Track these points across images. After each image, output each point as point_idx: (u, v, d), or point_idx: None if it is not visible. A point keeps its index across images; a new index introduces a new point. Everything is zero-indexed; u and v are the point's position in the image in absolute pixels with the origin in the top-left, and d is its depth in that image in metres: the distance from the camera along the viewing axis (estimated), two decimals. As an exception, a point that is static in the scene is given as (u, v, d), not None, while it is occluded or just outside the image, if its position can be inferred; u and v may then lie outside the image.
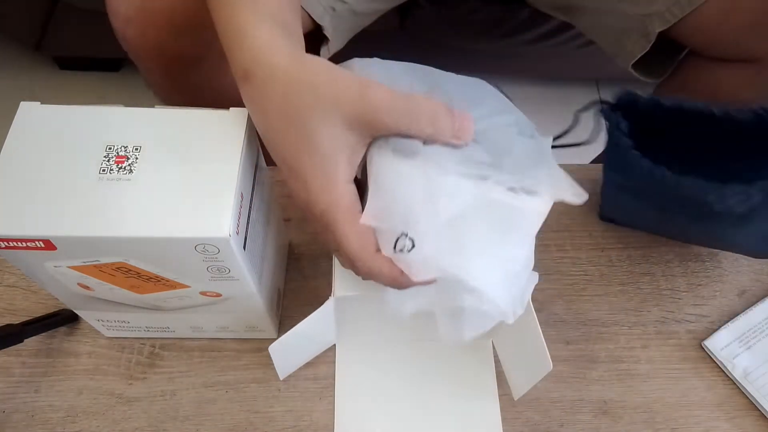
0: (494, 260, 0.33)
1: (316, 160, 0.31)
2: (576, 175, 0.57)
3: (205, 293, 0.38)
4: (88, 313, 0.42)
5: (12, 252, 0.33)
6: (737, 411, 0.46)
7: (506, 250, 0.33)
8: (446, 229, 0.32)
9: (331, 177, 0.31)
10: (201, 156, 0.34)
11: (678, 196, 0.42)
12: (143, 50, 0.54)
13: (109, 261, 0.34)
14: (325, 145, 0.31)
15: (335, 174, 0.31)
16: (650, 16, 0.54)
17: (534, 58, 1.14)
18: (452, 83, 0.37)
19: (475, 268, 0.32)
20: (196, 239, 0.32)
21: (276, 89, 0.31)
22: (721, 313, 0.50)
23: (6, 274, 0.49)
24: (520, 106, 0.37)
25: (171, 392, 0.45)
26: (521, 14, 0.89)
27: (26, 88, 1.26)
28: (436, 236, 0.32)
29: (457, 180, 0.31)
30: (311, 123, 0.30)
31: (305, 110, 0.30)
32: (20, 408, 0.44)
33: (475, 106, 0.34)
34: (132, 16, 0.52)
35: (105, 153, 0.33)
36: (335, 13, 0.59)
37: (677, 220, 0.47)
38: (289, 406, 0.45)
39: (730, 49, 0.54)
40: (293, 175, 0.32)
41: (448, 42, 1.03)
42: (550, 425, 0.45)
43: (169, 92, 0.62)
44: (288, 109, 0.31)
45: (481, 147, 0.32)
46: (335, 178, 0.31)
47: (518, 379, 0.43)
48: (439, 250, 0.32)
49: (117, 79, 1.30)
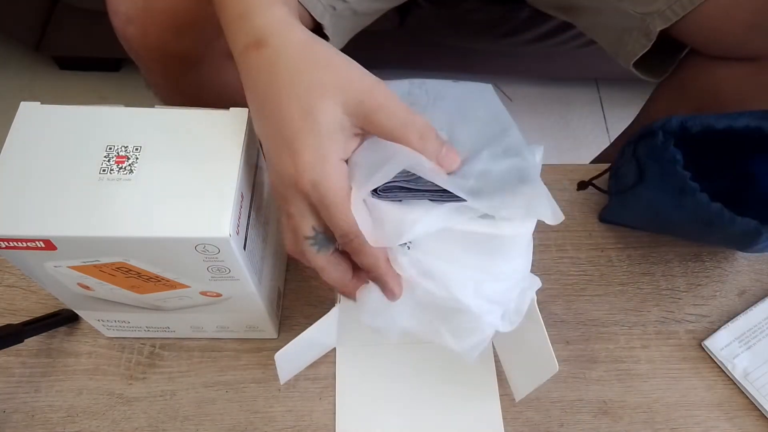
0: (476, 277, 0.33)
1: (314, 135, 0.31)
2: (575, 174, 0.57)
3: (205, 293, 0.38)
4: (88, 313, 0.42)
5: (12, 252, 0.33)
6: (737, 411, 0.46)
7: (487, 268, 0.33)
8: (428, 247, 0.32)
9: (325, 152, 0.31)
10: (201, 156, 0.34)
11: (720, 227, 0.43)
12: (144, 49, 0.54)
13: (109, 261, 0.34)
14: (325, 122, 0.31)
15: (330, 150, 0.31)
16: (651, 15, 0.54)
17: (534, 58, 1.14)
18: (452, 95, 0.37)
19: (455, 287, 0.33)
20: (196, 239, 0.32)
21: (289, 60, 0.31)
22: (721, 313, 0.50)
23: (6, 274, 0.49)
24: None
25: (171, 392, 0.45)
26: (521, 14, 0.89)
27: (26, 88, 1.26)
28: (413, 258, 0.33)
29: (426, 209, 0.32)
30: (317, 98, 0.31)
31: (315, 85, 0.31)
32: (20, 408, 0.44)
33: (465, 125, 0.35)
34: (133, 15, 0.52)
35: (105, 153, 0.33)
36: (335, 12, 0.59)
37: (692, 233, 0.48)
38: (289, 406, 0.45)
39: (731, 47, 0.54)
40: (285, 147, 0.31)
41: (448, 42, 1.02)
42: (550, 425, 0.45)
43: (170, 92, 0.62)
44: (297, 80, 0.31)
45: (464, 171, 0.33)
46: (330, 154, 0.31)
47: (521, 380, 0.43)
48: (419, 271, 0.33)
49: (117, 79, 1.30)
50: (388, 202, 0.32)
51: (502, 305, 0.35)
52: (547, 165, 0.57)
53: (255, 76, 0.33)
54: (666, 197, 0.45)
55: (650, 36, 0.55)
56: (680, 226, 0.48)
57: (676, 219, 0.46)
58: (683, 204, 0.44)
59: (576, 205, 0.55)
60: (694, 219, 0.44)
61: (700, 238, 0.50)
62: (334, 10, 0.59)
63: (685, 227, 0.47)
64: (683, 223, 0.46)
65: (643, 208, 0.49)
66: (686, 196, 0.43)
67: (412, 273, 0.33)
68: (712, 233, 0.45)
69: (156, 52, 0.54)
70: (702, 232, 0.47)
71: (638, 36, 0.56)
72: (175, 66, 0.56)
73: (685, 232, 0.50)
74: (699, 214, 0.43)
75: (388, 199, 0.32)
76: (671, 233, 0.52)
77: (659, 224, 0.51)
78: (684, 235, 0.51)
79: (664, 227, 0.51)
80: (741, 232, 0.41)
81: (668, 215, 0.46)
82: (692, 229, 0.47)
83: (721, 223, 0.42)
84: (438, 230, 0.32)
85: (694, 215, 0.44)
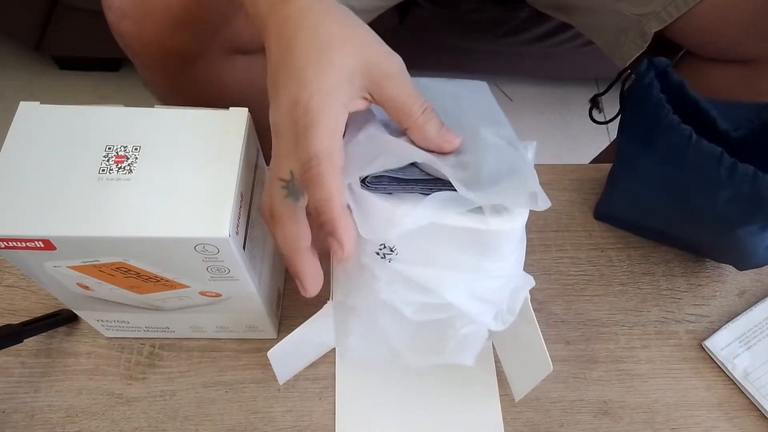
0: (466, 277, 0.33)
1: (325, 71, 0.31)
2: (575, 174, 0.57)
3: (205, 293, 0.38)
4: (88, 313, 0.42)
5: (12, 252, 0.33)
6: (737, 411, 0.46)
7: (478, 266, 0.33)
8: (417, 247, 0.32)
9: (331, 89, 0.31)
10: (201, 156, 0.34)
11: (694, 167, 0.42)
12: (140, 45, 0.53)
13: (109, 261, 0.34)
14: (339, 66, 0.31)
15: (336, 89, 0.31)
16: (647, 16, 0.54)
17: (534, 58, 1.14)
18: (447, 92, 0.38)
19: (444, 286, 0.33)
20: (196, 239, 0.32)
21: (317, 14, 0.32)
22: (721, 313, 0.50)
23: (6, 274, 0.49)
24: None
25: (170, 392, 0.45)
26: (521, 14, 0.89)
27: (26, 88, 1.26)
28: (407, 252, 0.32)
29: (416, 201, 0.31)
30: (336, 46, 0.31)
31: (336, 37, 0.32)
32: (20, 408, 0.44)
33: (459, 118, 0.35)
34: (127, 10, 0.51)
35: (105, 153, 0.33)
36: None
37: (681, 216, 0.47)
38: (288, 406, 0.45)
39: (726, 49, 0.54)
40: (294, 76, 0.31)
41: (448, 41, 1.03)
42: (551, 425, 0.45)
43: (167, 90, 0.62)
44: (321, 30, 0.32)
45: (458, 160, 0.33)
46: (335, 92, 0.31)
47: (519, 380, 0.43)
48: (412, 265, 0.33)
49: (117, 79, 1.30)
50: (379, 195, 0.32)
51: (495, 305, 0.35)
52: (547, 165, 0.57)
53: (281, 26, 0.33)
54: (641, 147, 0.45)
55: (646, 37, 0.55)
56: (678, 211, 0.47)
57: (676, 195, 0.45)
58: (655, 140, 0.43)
59: (576, 205, 0.55)
60: (696, 180, 0.43)
61: (697, 234, 0.50)
62: None
63: (682, 212, 0.47)
64: (681, 201, 0.45)
65: (627, 181, 0.48)
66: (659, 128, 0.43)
67: (397, 290, 0.33)
68: (711, 206, 0.43)
69: (152, 48, 0.53)
70: (702, 215, 0.45)
71: (634, 37, 0.56)
72: (172, 63, 0.55)
73: (682, 222, 0.49)
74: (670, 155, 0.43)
75: (378, 191, 0.32)
76: (666, 231, 0.52)
77: (656, 214, 0.50)
78: (681, 229, 0.50)
79: (660, 216, 0.50)
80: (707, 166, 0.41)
81: (648, 187, 0.46)
82: (689, 215, 0.46)
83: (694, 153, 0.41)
84: (425, 227, 0.31)
85: (694, 176, 0.43)
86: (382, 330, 0.35)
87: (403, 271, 0.32)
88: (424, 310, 0.34)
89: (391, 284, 0.33)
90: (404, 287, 0.33)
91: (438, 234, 0.32)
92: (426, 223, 0.31)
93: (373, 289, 0.33)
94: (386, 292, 0.33)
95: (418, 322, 0.34)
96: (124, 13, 0.51)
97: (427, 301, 0.33)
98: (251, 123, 0.36)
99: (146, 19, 0.51)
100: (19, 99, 0.34)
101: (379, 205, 0.31)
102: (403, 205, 0.31)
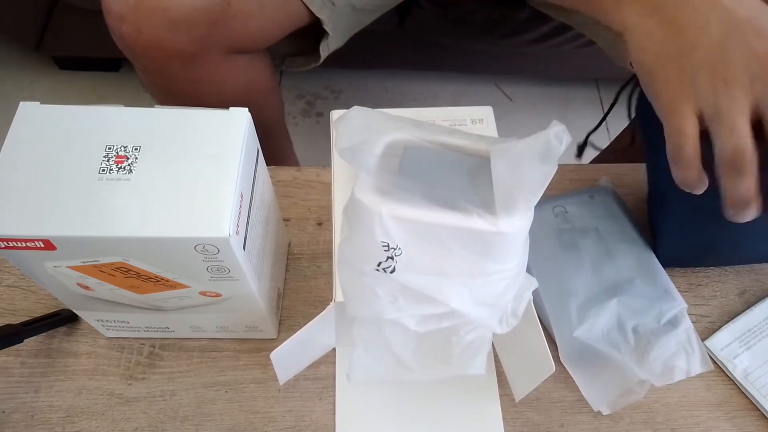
0: (470, 282, 0.33)
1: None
2: (575, 174, 0.57)
3: (205, 293, 0.38)
4: (88, 313, 0.42)
5: (12, 252, 0.33)
6: (737, 411, 0.46)
7: (482, 268, 0.33)
8: (421, 250, 0.32)
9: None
10: (201, 156, 0.34)
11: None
12: (139, 48, 0.54)
13: (109, 261, 0.34)
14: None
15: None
16: None
17: (534, 58, 1.14)
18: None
19: (449, 294, 0.33)
20: (196, 239, 0.32)
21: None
22: (721, 313, 0.50)
23: (6, 274, 0.49)
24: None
25: (170, 392, 0.45)
26: (521, 14, 0.89)
27: (26, 88, 1.26)
28: (411, 256, 0.32)
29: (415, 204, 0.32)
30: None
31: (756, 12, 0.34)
32: (20, 408, 0.44)
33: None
34: (125, 13, 0.51)
35: (105, 153, 0.33)
36: (335, 8, 0.59)
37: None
38: (289, 407, 0.45)
39: None
40: (742, 26, 0.33)
41: (448, 42, 1.02)
42: (551, 425, 0.45)
43: (167, 92, 0.62)
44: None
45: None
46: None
47: (520, 381, 0.43)
48: (414, 274, 0.33)
49: (116, 79, 1.30)
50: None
51: (500, 308, 0.35)
52: (547, 165, 0.57)
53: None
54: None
55: None
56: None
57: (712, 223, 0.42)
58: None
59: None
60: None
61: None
62: (332, 5, 0.59)
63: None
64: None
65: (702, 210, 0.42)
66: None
67: (401, 307, 0.33)
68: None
69: (151, 49, 0.54)
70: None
71: None
72: (172, 64, 0.55)
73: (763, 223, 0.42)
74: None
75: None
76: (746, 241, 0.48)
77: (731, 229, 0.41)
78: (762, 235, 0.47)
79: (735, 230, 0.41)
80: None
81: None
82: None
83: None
84: (430, 229, 0.31)
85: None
86: (386, 341, 0.35)
87: (405, 282, 0.32)
88: (429, 321, 0.34)
89: (395, 302, 0.33)
90: (407, 301, 0.33)
91: (443, 236, 0.32)
92: (432, 222, 0.31)
93: (376, 309, 0.33)
94: (390, 311, 0.33)
95: (423, 333, 0.34)
96: (123, 17, 0.52)
97: (432, 312, 0.33)
98: (251, 123, 0.36)
99: (143, 21, 0.51)
100: (19, 99, 0.34)
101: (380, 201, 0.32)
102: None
